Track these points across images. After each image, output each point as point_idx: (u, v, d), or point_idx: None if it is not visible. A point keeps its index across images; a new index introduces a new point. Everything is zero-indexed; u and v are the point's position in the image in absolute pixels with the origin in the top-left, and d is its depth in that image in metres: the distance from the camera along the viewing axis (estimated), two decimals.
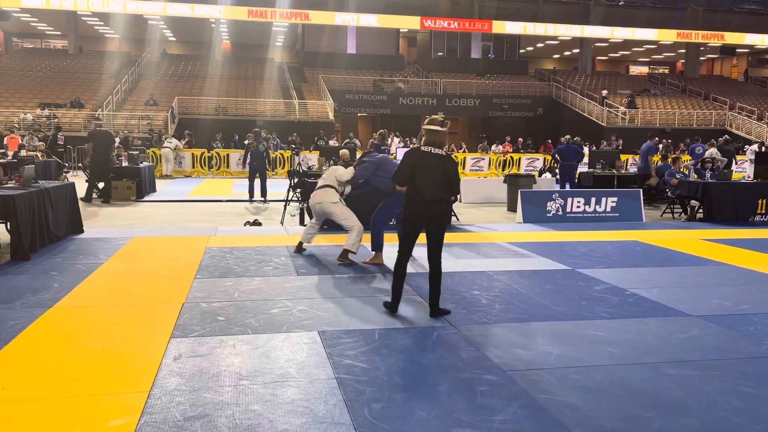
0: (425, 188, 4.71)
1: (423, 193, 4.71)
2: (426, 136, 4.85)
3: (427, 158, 4.72)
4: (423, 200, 4.72)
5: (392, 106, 31.76)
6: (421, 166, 4.71)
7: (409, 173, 4.77)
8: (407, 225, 4.86)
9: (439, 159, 4.73)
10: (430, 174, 4.71)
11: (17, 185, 7.48)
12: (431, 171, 4.71)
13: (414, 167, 4.74)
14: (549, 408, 3.30)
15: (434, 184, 4.72)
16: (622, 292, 5.86)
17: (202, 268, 6.57)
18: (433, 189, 4.72)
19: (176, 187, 16.77)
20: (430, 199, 4.73)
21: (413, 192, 4.76)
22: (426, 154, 4.74)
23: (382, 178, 7.07)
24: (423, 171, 4.71)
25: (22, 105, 26.27)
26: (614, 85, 37.30)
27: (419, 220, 4.81)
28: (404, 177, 4.81)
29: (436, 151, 4.74)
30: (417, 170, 4.72)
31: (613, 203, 11.12)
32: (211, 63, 34.40)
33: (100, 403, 3.27)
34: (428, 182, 4.71)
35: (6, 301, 5.19)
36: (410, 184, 4.78)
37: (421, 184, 4.71)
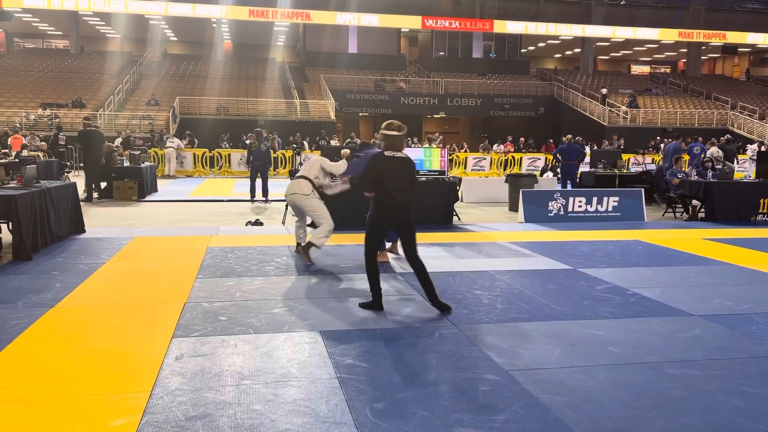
0: (396, 192, 4.90)
1: (394, 196, 4.90)
2: (385, 141, 5.01)
3: (393, 163, 4.91)
4: (395, 203, 4.91)
5: (394, 106, 31.74)
6: (389, 170, 4.89)
7: (377, 179, 4.92)
8: (379, 227, 5.06)
9: (403, 162, 4.96)
10: (398, 178, 4.91)
11: (19, 185, 7.48)
12: (399, 175, 4.91)
13: (382, 172, 4.90)
14: (551, 408, 3.30)
15: (403, 187, 4.93)
16: (624, 292, 5.86)
17: (203, 268, 6.57)
18: (402, 192, 4.93)
19: (178, 187, 16.78)
20: (400, 201, 4.93)
21: (384, 196, 4.92)
22: (391, 158, 4.93)
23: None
24: (391, 175, 4.90)
25: (24, 105, 26.30)
26: (616, 84, 37.26)
27: (391, 222, 5.03)
28: (372, 183, 4.96)
29: (398, 155, 4.94)
30: (385, 175, 4.90)
31: (615, 203, 11.11)
32: (212, 63, 34.41)
33: (101, 403, 3.28)
34: (397, 186, 4.91)
35: (8, 300, 5.19)
36: (380, 189, 4.93)
37: (391, 188, 4.89)
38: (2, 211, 6.76)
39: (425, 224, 9.84)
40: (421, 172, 10.11)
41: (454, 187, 10.39)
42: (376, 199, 5.00)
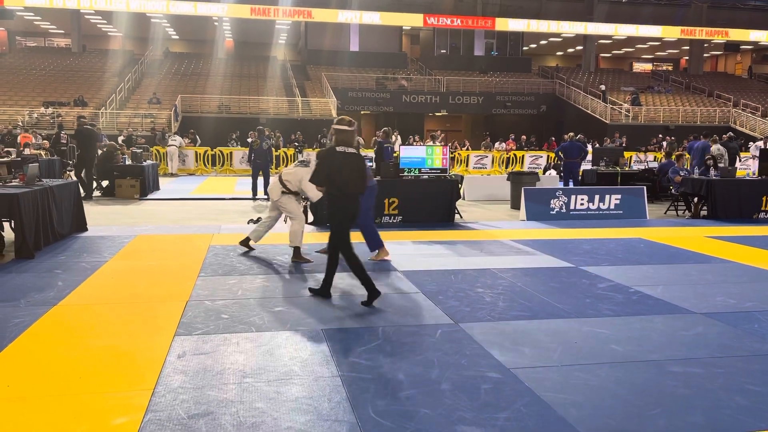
0: (350, 185, 5.05)
1: (349, 190, 5.05)
2: (336, 136, 5.14)
3: (345, 158, 5.03)
4: (351, 196, 5.08)
5: (395, 104, 31.72)
6: (342, 165, 5.01)
7: (329, 174, 5.03)
8: (347, 220, 5.14)
9: (354, 157, 5.09)
10: (351, 172, 5.04)
11: (21, 184, 7.49)
12: (351, 169, 5.04)
13: (333, 167, 5.02)
14: (553, 406, 3.29)
15: (355, 181, 5.07)
16: (626, 290, 5.85)
17: (205, 266, 6.58)
18: (356, 185, 5.08)
19: (180, 185, 16.80)
20: (354, 194, 5.11)
21: (339, 190, 5.05)
22: (342, 153, 5.04)
23: None
24: (345, 170, 5.01)
25: (26, 103, 26.33)
26: (618, 82, 37.20)
27: (347, 214, 5.13)
28: (325, 178, 5.07)
29: (350, 151, 5.06)
30: (339, 170, 5.01)
31: (617, 200, 11.09)
32: (214, 61, 34.40)
33: (104, 401, 3.28)
34: (351, 180, 5.04)
35: (11, 299, 5.20)
36: (334, 184, 5.04)
37: (345, 182, 5.03)
38: (5, 210, 6.77)
39: (427, 222, 9.85)
40: (422, 170, 10.11)
41: (456, 185, 10.38)
42: (330, 193, 5.12)
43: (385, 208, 9.78)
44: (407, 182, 9.96)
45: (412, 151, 10.55)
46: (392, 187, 9.81)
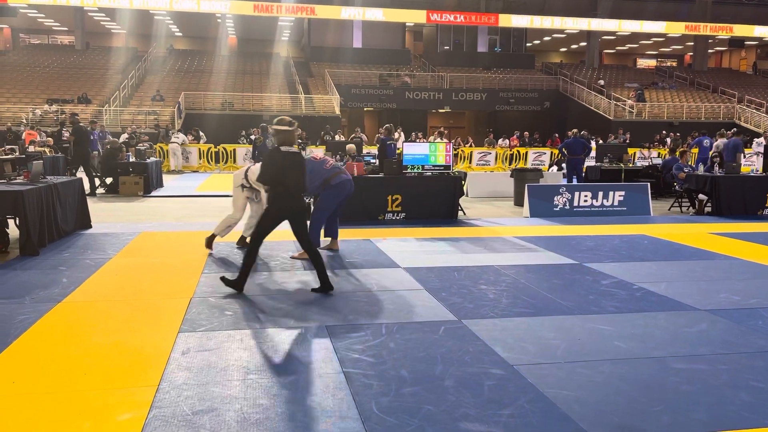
0: (292, 184, 5.23)
1: (291, 189, 5.23)
2: (278, 136, 5.28)
3: (288, 157, 5.21)
4: (292, 195, 5.25)
5: (398, 101, 31.69)
6: (286, 165, 5.19)
7: (275, 173, 5.20)
8: (275, 218, 5.33)
9: (296, 156, 5.27)
10: (294, 171, 5.21)
11: (26, 181, 7.51)
12: (294, 168, 5.21)
13: (279, 167, 5.19)
14: (557, 402, 3.30)
15: (298, 180, 5.26)
16: (630, 287, 5.84)
17: (209, 263, 6.60)
18: (298, 184, 5.27)
19: (183, 182, 16.82)
20: (296, 193, 5.30)
21: (282, 189, 5.22)
22: (286, 153, 5.21)
23: (314, 183, 6.92)
24: (288, 170, 5.19)
25: (30, 101, 26.38)
26: (621, 78, 37.09)
27: (286, 213, 5.30)
28: (273, 177, 5.22)
29: (292, 150, 5.24)
30: (284, 169, 5.18)
31: (621, 197, 11.07)
32: (217, 58, 34.42)
33: (109, 398, 3.29)
34: (294, 179, 5.22)
35: (16, 295, 5.22)
36: (280, 183, 5.21)
37: (289, 181, 5.19)
38: (9, 207, 6.79)
39: (430, 219, 9.85)
40: (425, 167, 10.10)
41: (459, 181, 10.38)
42: (275, 192, 5.26)
43: (389, 204, 9.78)
44: (410, 179, 9.96)
45: (415, 147, 10.55)
46: (395, 184, 9.82)
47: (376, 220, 9.72)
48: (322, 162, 7.16)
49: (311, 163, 7.10)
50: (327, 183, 6.93)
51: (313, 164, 7.05)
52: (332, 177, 6.95)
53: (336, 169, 7.11)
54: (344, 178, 7.05)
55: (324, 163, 7.15)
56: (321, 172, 6.94)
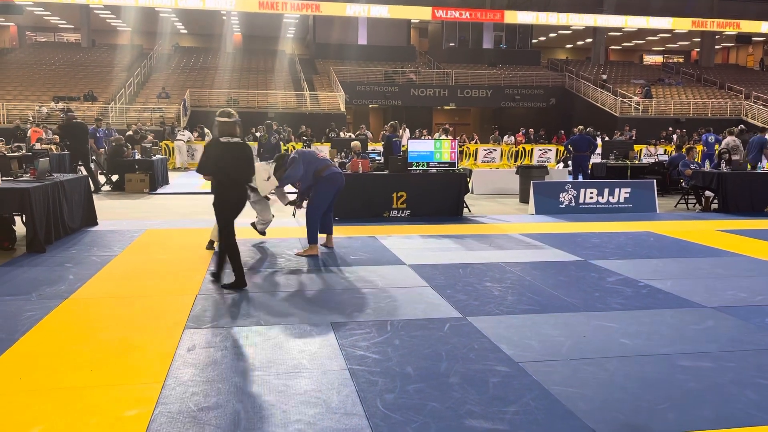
0: (236, 174, 5.32)
1: (235, 178, 5.34)
2: (219, 128, 5.42)
3: (229, 148, 5.29)
4: (237, 184, 5.37)
5: (403, 98, 31.65)
6: (226, 154, 5.28)
7: (216, 162, 5.29)
8: (230, 208, 5.39)
9: (238, 146, 5.34)
10: (235, 160, 5.29)
11: (32, 178, 7.54)
12: (235, 157, 5.29)
13: (219, 157, 5.28)
14: (562, 399, 3.29)
15: (241, 170, 5.35)
16: (636, 284, 5.82)
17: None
18: (242, 173, 5.37)
19: (189, 179, 16.85)
20: (241, 182, 5.40)
21: (227, 179, 5.32)
22: (226, 144, 5.30)
23: (307, 172, 6.93)
24: (229, 158, 5.27)
25: (36, 98, 26.46)
26: (628, 74, 36.93)
27: (232, 201, 5.39)
28: (212, 167, 5.32)
29: (233, 140, 5.32)
30: (224, 159, 5.27)
31: (627, 194, 11.04)
32: (222, 55, 34.44)
33: (115, 394, 3.31)
34: (236, 168, 5.31)
35: (23, 292, 5.25)
36: (221, 171, 5.30)
37: (231, 171, 5.29)
38: (16, 204, 6.82)
39: (435, 216, 9.84)
40: (431, 164, 10.09)
41: (465, 178, 10.36)
42: (218, 181, 5.34)
43: (394, 202, 9.78)
44: (415, 176, 9.95)
45: (420, 144, 10.53)
46: (400, 181, 9.81)
47: (381, 217, 9.72)
48: (314, 153, 7.27)
49: (307, 153, 7.16)
50: (318, 175, 6.91)
51: (308, 153, 7.15)
52: (323, 169, 6.93)
53: (326, 161, 7.13)
54: (335, 171, 7.05)
55: (317, 154, 7.23)
56: (314, 161, 6.97)
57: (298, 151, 7.12)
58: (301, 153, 7.09)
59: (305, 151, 7.27)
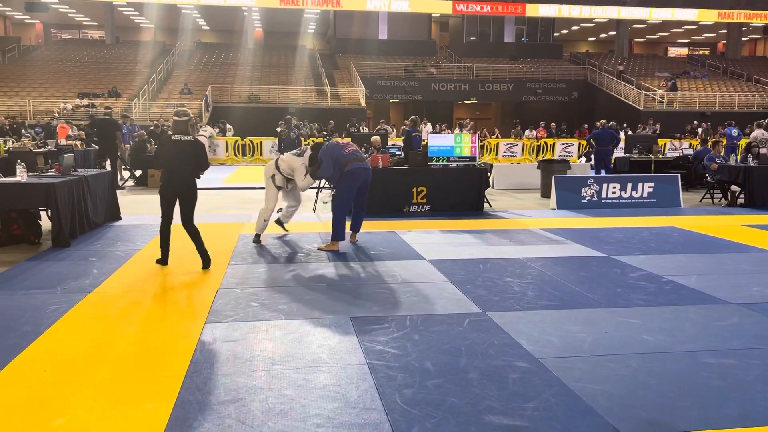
0: (177, 167, 5.92)
1: (176, 171, 5.92)
2: (173, 125, 6.12)
3: (177, 144, 5.94)
4: (178, 176, 5.94)
5: (424, 92, 31.56)
6: (174, 150, 5.94)
7: (164, 156, 6.02)
8: (166, 196, 6.03)
9: (187, 144, 5.95)
10: (181, 156, 5.91)
11: (57, 174, 7.66)
12: (181, 153, 5.91)
13: (168, 151, 5.99)
14: (582, 396, 3.26)
15: (184, 164, 5.93)
16: (659, 279, 5.75)
17: (235, 255, 6.66)
18: (183, 167, 5.94)
19: (210, 174, 16.91)
20: (181, 174, 5.94)
21: (168, 171, 5.98)
22: (176, 141, 5.95)
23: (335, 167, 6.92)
24: (175, 154, 5.93)
25: (62, 95, 26.88)
26: (652, 67, 36.38)
27: (175, 191, 6.00)
28: (165, 160, 6.02)
29: (184, 138, 5.95)
30: (171, 154, 5.95)
31: (650, 189, 10.88)
32: (243, 51, 34.63)
33: (137, 387, 3.35)
34: (179, 162, 5.91)
35: (48, 286, 5.34)
36: (166, 165, 6.01)
37: (174, 164, 5.93)
38: (42, 199, 6.94)
39: (455, 211, 9.81)
40: (451, 159, 10.05)
41: (485, 173, 10.30)
42: (164, 173, 6.05)
43: (414, 197, 9.76)
44: (435, 171, 9.92)
45: (440, 139, 10.50)
46: (420, 176, 9.78)
47: (400, 212, 9.71)
48: (342, 146, 7.10)
49: (333, 147, 7.09)
50: (342, 170, 6.86)
51: (334, 148, 7.04)
52: (347, 163, 6.87)
53: (353, 155, 6.99)
54: (358, 165, 6.91)
55: (344, 147, 7.09)
56: (339, 156, 6.90)
57: (323, 149, 7.04)
58: (326, 150, 6.99)
59: (331, 146, 7.13)
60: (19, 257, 6.47)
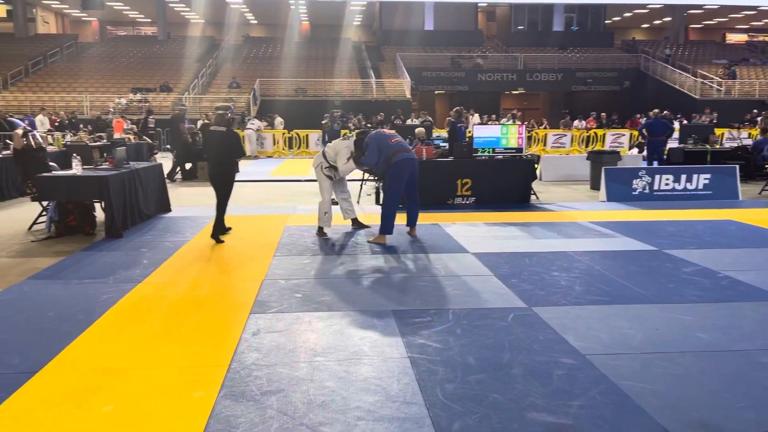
0: (212, 155, 7.08)
1: (213, 159, 7.04)
2: (215, 118, 7.13)
3: (212, 134, 6.98)
4: (212, 163, 7.06)
5: (470, 83, 31.20)
6: (210, 140, 7.08)
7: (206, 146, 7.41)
8: (213, 180, 7.03)
9: (219, 133, 6.89)
10: (216, 145, 6.94)
11: (110, 167, 7.88)
12: (214, 143, 6.94)
13: (207, 141, 7.37)
14: (631, 395, 3.16)
15: (217, 152, 6.95)
16: (715, 275, 5.53)
17: (281, 246, 6.73)
18: (216, 155, 6.98)
19: (258, 167, 17.23)
20: (215, 163, 6.99)
21: (211, 158, 7.13)
22: (212, 131, 7.00)
23: (380, 156, 6.87)
24: (212, 144, 7.02)
25: (117, 90, 27.69)
26: (709, 54, 35.02)
27: (212, 176, 7.04)
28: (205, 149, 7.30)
29: (218, 129, 6.89)
30: (209, 143, 7.25)
31: (706, 180, 10.49)
32: (290, 44, 34.93)
33: (183, 375, 3.42)
34: (214, 151, 7.00)
35: (101, 275, 5.50)
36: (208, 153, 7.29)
37: (211, 153, 7.12)
38: (95, 191, 7.16)
39: (501, 203, 9.66)
40: (497, 150, 9.90)
41: (532, 165, 10.11)
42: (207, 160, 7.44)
43: (458, 189, 9.66)
44: (481, 162, 9.79)
45: (486, 130, 10.34)
46: (465, 168, 9.67)
47: (445, 204, 9.62)
48: (389, 136, 7.06)
49: (380, 135, 7.07)
50: (389, 162, 6.84)
51: (381, 137, 7.03)
52: (393, 155, 6.83)
53: (399, 146, 6.95)
54: (405, 157, 6.86)
55: (390, 137, 7.05)
56: (385, 146, 6.88)
57: (372, 137, 7.05)
58: (375, 138, 7.00)
59: (378, 134, 7.13)
60: (74, 247, 6.69)
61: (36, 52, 31.30)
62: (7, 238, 7.22)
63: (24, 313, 4.47)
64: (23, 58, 30.24)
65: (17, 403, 3.10)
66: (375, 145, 6.89)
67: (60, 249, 6.64)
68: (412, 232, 7.36)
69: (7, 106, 24.97)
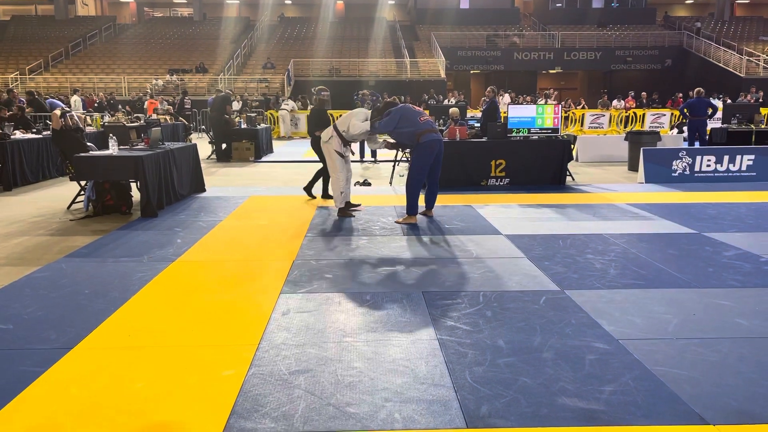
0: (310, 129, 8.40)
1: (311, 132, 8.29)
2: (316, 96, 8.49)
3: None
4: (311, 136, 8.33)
5: (506, 62, 30.71)
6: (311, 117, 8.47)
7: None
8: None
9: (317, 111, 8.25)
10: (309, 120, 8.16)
11: (146, 147, 7.99)
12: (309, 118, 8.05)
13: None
14: (666, 381, 3.07)
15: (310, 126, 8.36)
16: (757, 259, 5.34)
17: (312, 227, 6.74)
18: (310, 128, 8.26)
19: (292, 148, 17.31)
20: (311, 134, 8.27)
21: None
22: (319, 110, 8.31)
23: (405, 129, 6.77)
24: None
25: (154, 71, 28.05)
26: (756, 31, 33.70)
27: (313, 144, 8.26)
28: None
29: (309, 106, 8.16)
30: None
31: (750, 161, 10.13)
32: (324, 24, 34.83)
33: (213, 354, 3.45)
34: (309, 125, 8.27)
35: (136, 254, 5.60)
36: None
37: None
38: (131, 171, 7.27)
39: (536, 185, 9.51)
40: (532, 130, 9.72)
41: (568, 145, 9.89)
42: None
43: (492, 170, 9.54)
44: (515, 143, 9.63)
45: (520, 110, 10.16)
46: (499, 149, 9.53)
47: (478, 185, 9.52)
48: (417, 114, 6.94)
49: (408, 109, 6.96)
50: (417, 140, 6.76)
51: (408, 111, 6.90)
52: (422, 134, 6.75)
53: (428, 125, 6.86)
54: (433, 137, 6.78)
55: (419, 115, 6.93)
56: (414, 123, 6.79)
57: (400, 107, 6.96)
58: (402, 110, 6.90)
59: (407, 107, 7.03)
60: (110, 226, 6.82)
61: (76, 34, 31.89)
62: (47, 217, 7.40)
63: (61, 290, 4.58)
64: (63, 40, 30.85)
65: (53, 378, 3.17)
66: (398, 115, 6.79)
67: (97, 228, 6.78)
68: (428, 213, 7.29)
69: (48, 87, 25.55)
